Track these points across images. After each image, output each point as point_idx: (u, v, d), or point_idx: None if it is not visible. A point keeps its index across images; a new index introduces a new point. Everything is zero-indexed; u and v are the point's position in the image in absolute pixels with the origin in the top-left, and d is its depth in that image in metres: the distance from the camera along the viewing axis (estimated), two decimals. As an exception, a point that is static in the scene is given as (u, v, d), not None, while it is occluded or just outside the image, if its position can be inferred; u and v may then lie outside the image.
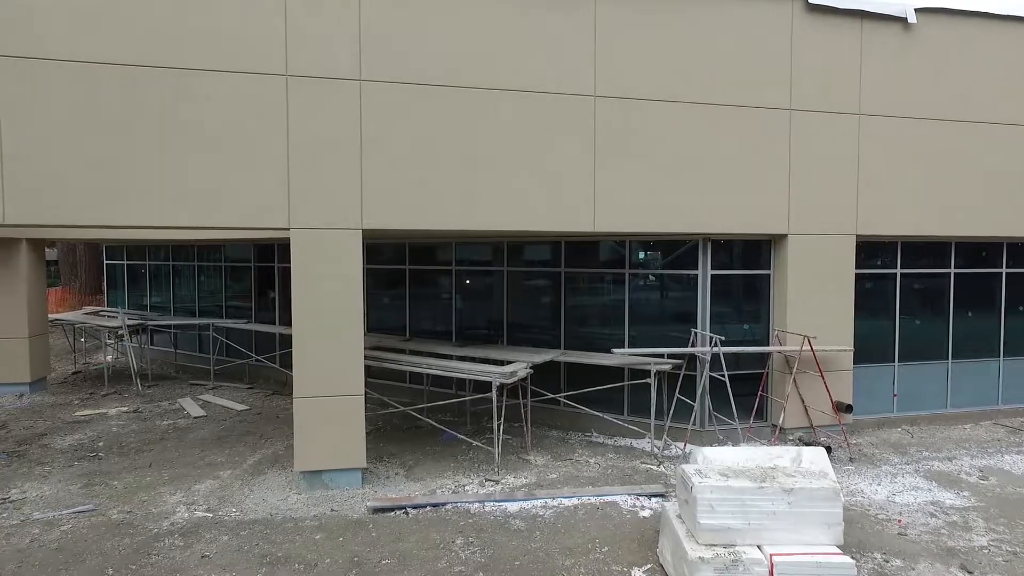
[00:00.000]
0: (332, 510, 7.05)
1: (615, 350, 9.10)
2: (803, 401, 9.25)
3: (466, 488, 7.71)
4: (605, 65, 8.18)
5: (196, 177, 7.03)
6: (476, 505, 7.12)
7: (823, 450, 6.01)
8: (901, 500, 7.42)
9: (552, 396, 9.70)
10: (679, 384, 8.97)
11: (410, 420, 10.82)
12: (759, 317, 9.75)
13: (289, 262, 7.38)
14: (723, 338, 8.51)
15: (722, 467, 5.58)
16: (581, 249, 10.39)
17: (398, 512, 6.98)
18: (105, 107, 6.77)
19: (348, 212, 7.41)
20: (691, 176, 8.58)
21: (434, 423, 9.50)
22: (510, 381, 8.19)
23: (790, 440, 9.07)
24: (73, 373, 15.36)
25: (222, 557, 5.91)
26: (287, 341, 13.17)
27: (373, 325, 12.04)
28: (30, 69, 6.56)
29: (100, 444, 9.64)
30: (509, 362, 8.95)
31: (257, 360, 13.87)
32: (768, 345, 9.46)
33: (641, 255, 10.06)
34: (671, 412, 9.05)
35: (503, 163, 7.88)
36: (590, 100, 8.17)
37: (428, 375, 10.59)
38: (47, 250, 15.59)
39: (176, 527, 6.60)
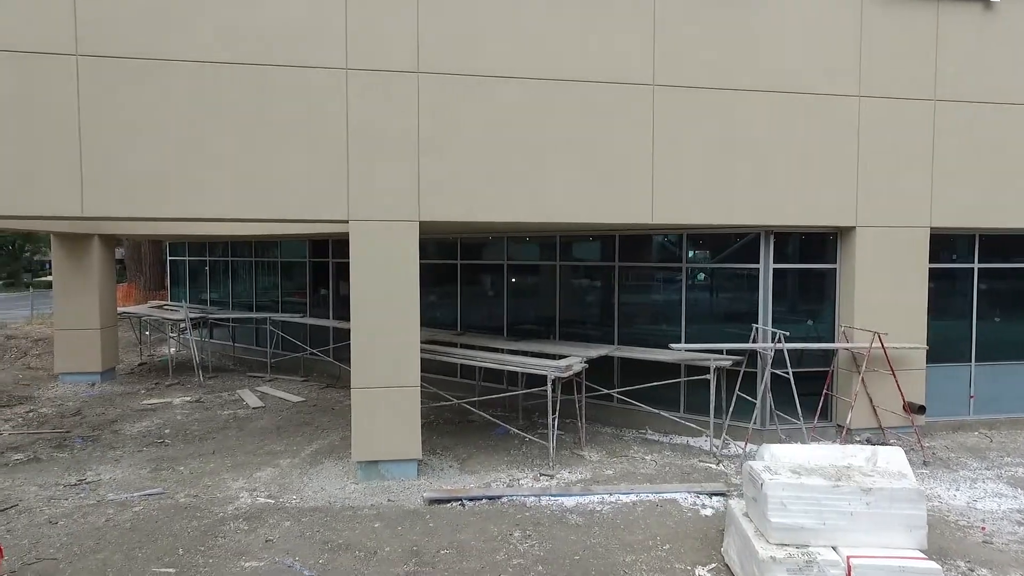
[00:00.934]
0: (389, 500, 7.10)
1: (673, 345, 8.89)
2: (871, 401, 8.83)
3: (520, 482, 7.65)
4: (665, 53, 7.99)
5: (260, 169, 7.18)
6: (532, 499, 7.05)
7: (900, 450, 5.69)
8: (983, 507, 6.99)
9: (607, 392, 9.57)
10: (739, 381, 8.69)
11: (462, 415, 10.84)
12: (823, 313, 9.37)
13: (343, 257, 7.49)
14: (787, 333, 8.19)
15: (792, 464, 5.35)
16: (636, 243, 10.20)
17: (454, 504, 6.97)
18: (174, 103, 6.99)
19: (405, 204, 7.45)
20: (753, 166, 8.30)
21: (488, 416, 9.50)
22: (565, 375, 8.09)
23: (857, 441, 8.67)
24: (139, 364, 16.04)
25: (285, 542, 6.01)
26: (341, 335, 13.46)
27: (425, 320, 12.05)
28: (104, 67, 6.82)
29: (166, 431, 10.00)
30: (562, 357, 8.85)
31: (312, 353, 14.16)
32: (833, 342, 9.07)
33: (698, 249, 9.79)
34: (730, 410, 8.78)
35: (560, 154, 7.79)
36: (648, 89, 8.00)
37: (480, 369, 10.62)
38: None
39: (240, 512, 6.76)
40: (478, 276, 12.33)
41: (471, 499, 7.05)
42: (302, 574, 5.38)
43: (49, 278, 41.39)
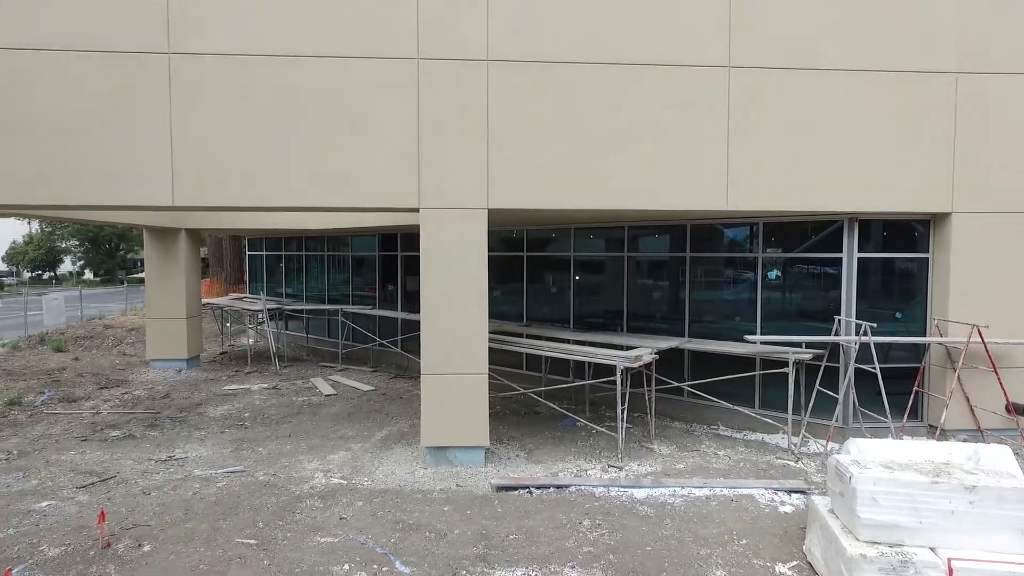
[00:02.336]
0: (457, 485, 7.15)
1: (748, 337, 8.55)
2: (968, 400, 8.21)
3: (588, 473, 7.55)
4: (740, 33, 7.68)
5: (334, 160, 7.39)
6: (601, 489, 6.94)
7: (1007, 449, 5.24)
8: (1101, 516, 6.34)
9: (677, 385, 9.31)
10: (819, 376, 8.26)
11: (528, 406, 10.82)
12: (912, 305, 8.78)
13: (411, 251, 7.59)
14: (874, 325, 7.72)
15: (883, 459, 5.02)
16: (708, 233, 9.89)
17: (522, 491, 6.95)
18: (257, 96, 7.29)
19: (475, 192, 7.49)
20: (838, 149, 7.86)
21: (555, 407, 9.43)
22: (635, 365, 7.92)
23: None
24: (221, 353, 16.89)
25: (358, 520, 6.15)
26: (409, 326, 13.73)
27: (491, 313, 12.11)
28: (193, 65, 7.19)
29: (246, 415, 10.47)
30: (631, 348, 8.67)
31: (381, 344, 14.51)
32: (925, 336, 8.48)
33: (775, 238, 9.37)
34: (810, 406, 8.36)
35: (630, 139, 7.62)
36: (723, 71, 7.72)
37: (546, 361, 10.57)
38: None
39: (315, 491, 6.97)
40: (544, 269, 12.28)
41: (539, 487, 7.01)
42: (375, 551, 5.49)
43: (140, 275, 44.39)
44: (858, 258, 8.45)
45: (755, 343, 8.55)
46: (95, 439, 9.04)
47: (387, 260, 15.26)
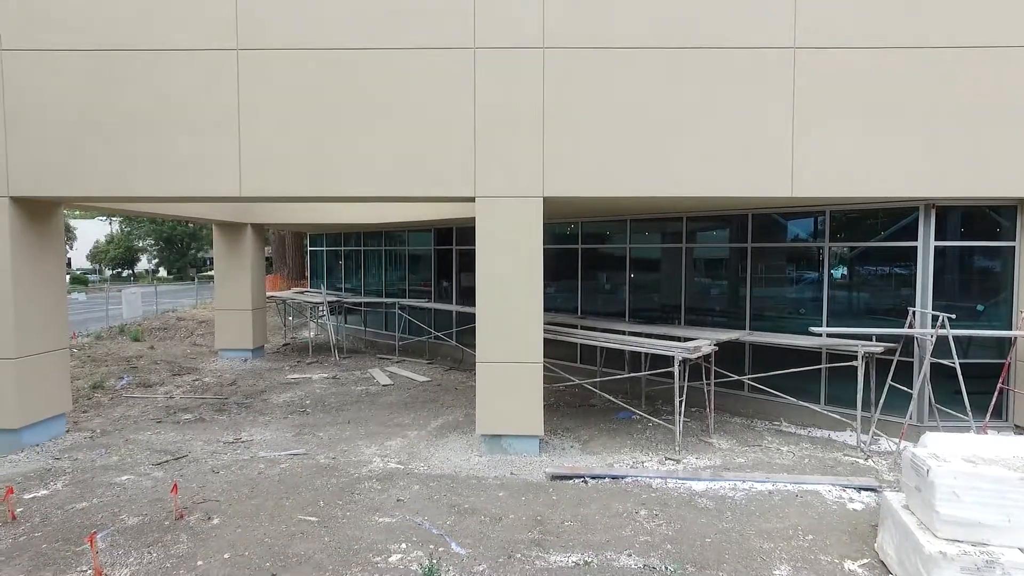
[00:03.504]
0: (512, 473, 7.15)
1: (813, 329, 8.21)
2: (1060, 399, 7.63)
3: (645, 465, 7.41)
4: (807, 11, 7.37)
5: (389, 150, 7.51)
6: (658, 481, 6.80)
7: (1107, 446, 4.83)
8: None
9: (737, 378, 9.04)
10: (891, 371, 7.85)
11: (583, 399, 10.74)
12: (996, 297, 8.21)
13: (465, 244, 7.62)
14: (953, 317, 7.26)
15: (965, 453, 4.71)
16: (770, 222, 9.55)
17: (577, 480, 6.89)
18: (315, 89, 7.49)
19: (530, 180, 7.47)
20: (914, 133, 7.41)
21: (611, 397, 9.32)
22: (693, 356, 7.72)
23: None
24: (283, 344, 17.50)
25: (415, 503, 6.24)
26: (463, 319, 13.86)
27: (545, 306, 12.10)
28: (259, 60, 7.45)
29: (307, 402, 10.79)
30: (690, 339, 8.46)
31: (436, 337, 14.70)
32: (1012, 329, 7.93)
33: (842, 226, 8.96)
34: (881, 403, 7.95)
35: (689, 125, 7.44)
36: (789, 52, 7.42)
37: (601, 353, 10.44)
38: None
39: (373, 474, 7.12)
40: (599, 262, 12.15)
41: (594, 477, 6.93)
42: (431, 532, 5.55)
43: (209, 272, 46.50)
44: (935, 247, 7.98)
45: (821, 335, 8.19)
46: (169, 421, 9.51)
47: (442, 254, 15.45)
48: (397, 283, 17.11)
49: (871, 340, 7.90)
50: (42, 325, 8.08)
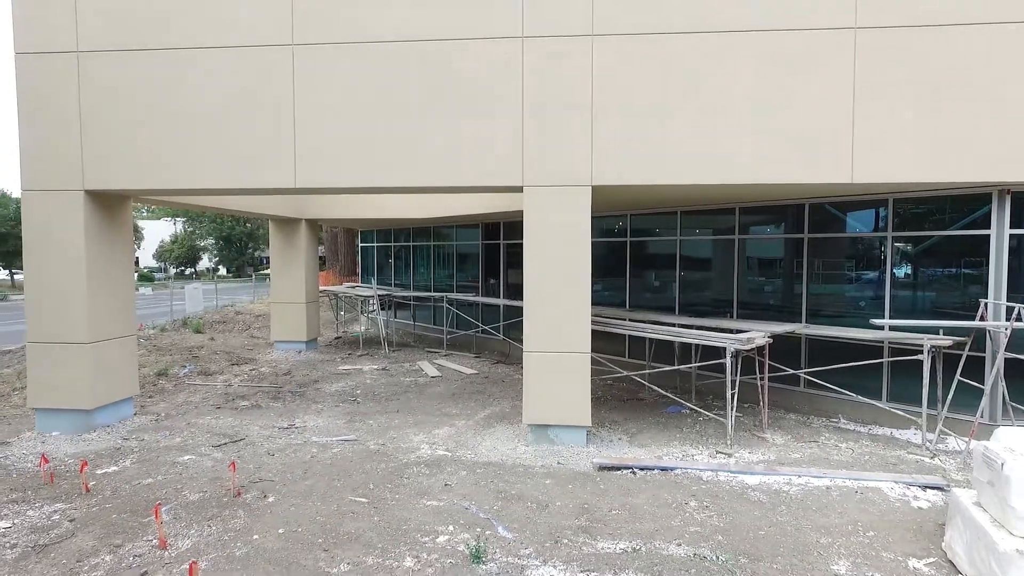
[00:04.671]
0: (558, 463, 7.12)
1: (875, 321, 7.86)
2: None
3: (695, 458, 7.26)
4: (869, -11, 7.06)
5: (437, 140, 7.58)
6: (708, 473, 6.65)
7: None
8: None
9: (792, 372, 8.74)
10: (960, 366, 7.44)
11: (631, 393, 10.61)
12: (1079, 290, 7.68)
13: (512, 239, 7.62)
14: (1030, 308, 6.83)
15: (1044, 448, 4.42)
16: (828, 212, 9.19)
17: (624, 471, 6.80)
18: (366, 82, 7.63)
19: (578, 169, 7.42)
20: (985, 113, 6.99)
21: (660, 390, 9.17)
22: (747, 347, 7.50)
23: None
24: (335, 338, 17.94)
25: (462, 488, 6.29)
26: (511, 313, 13.89)
27: (593, 299, 12.01)
28: (313, 51, 7.65)
29: (358, 392, 11.03)
30: (742, 332, 8.23)
31: (483, 331, 14.78)
32: (1095, 324, 7.39)
33: (905, 214, 8.55)
34: (948, 399, 7.54)
35: (742, 110, 7.23)
36: (850, 33, 7.12)
37: (650, 345, 10.30)
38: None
39: (421, 460, 7.21)
40: (648, 255, 11.98)
41: (642, 468, 6.83)
42: (478, 516, 5.57)
43: (266, 271, 48.20)
44: (1009, 235, 7.52)
45: (883, 328, 7.83)
46: (227, 407, 9.88)
47: (490, 249, 15.53)
48: (445, 279, 17.30)
49: (938, 333, 7.51)
50: (112, 312, 8.52)
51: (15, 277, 45.44)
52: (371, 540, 5.10)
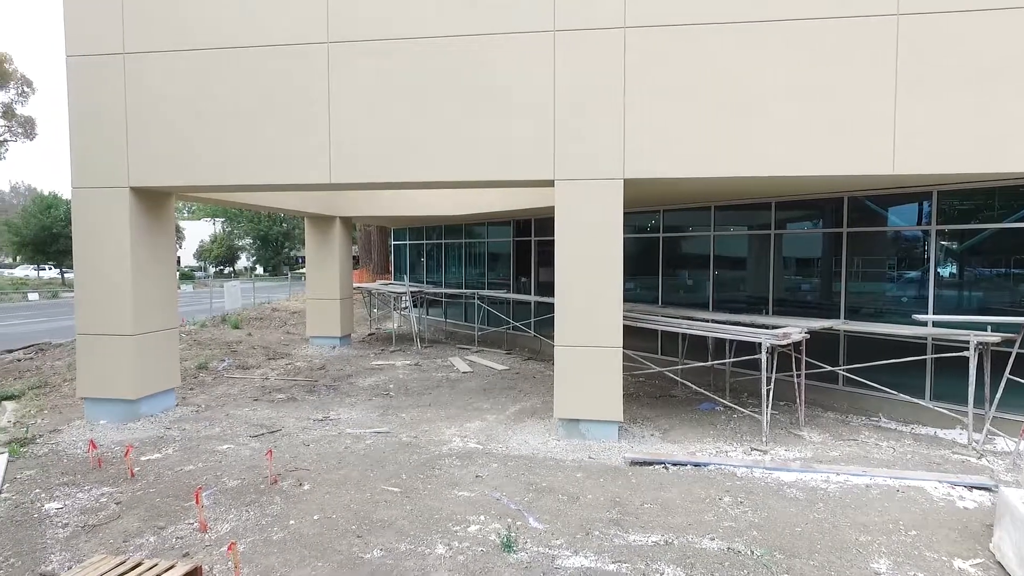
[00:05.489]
0: (589, 457, 7.09)
1: (918, 316, 7.63)
2: None
3: (729, 454, 7.15)
4: (912, -26, 6.85)
5: (470, 134, 7.63)
6: (743, 470, 6.54)
7: None
8: None
9: (831, 369, 8.54)
10: (1010, 364, 7.16)
11: (663, 390, 10.51)
12: None
13: (543, 235, 7.60)
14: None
15: (1100, 446, 4.22)
16: (868, 207, 8.95)
17: (657, 466, 6.74)
18: (398, 78, 7.72)
19: (610, 162, 7.38)
20: (1036, 98, 6.73)
21: (694, 386, 9.06)
22: (783, 342, 7.36)
23: None
24: (368, 334, 18.19)
25: (493, 479, 6.32)
26: (541, 309, 13.89)
27: (625, 296, 11.94)
28: (348, 48, 7.77)
29: (391, 386, 11.16)
30: (778, 327, 8.08)
31: (515, 328, 14.81)
32: None
33: (950, 206, 8.26)
34: (997, 398, 7.27)
35: (777, 101, 7.08)
36: (892, 20, 6.92)
37: (684, 341, 10.18)
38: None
39: (453, 452, 7.26)
40: (681, 250, 11.84)
41: (675, 464, 6.76)
42: (509, 507, 5.59)
43: (301, 270, 49.16)
44: (1063, 227, 7.21)
45: (926, 324, 7.60)
46: (264, 399, 10.11)
47: (521, 246, 15.55)
48: (476, 277, 17.38)
49: (985, 330, 7.25)
50: (156, 306, 8.80)
51: (65, 276, 47.30)
52: (403, 528, 5.16)
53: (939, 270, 8.25)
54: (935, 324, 7.60)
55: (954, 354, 7.46)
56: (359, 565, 4.56)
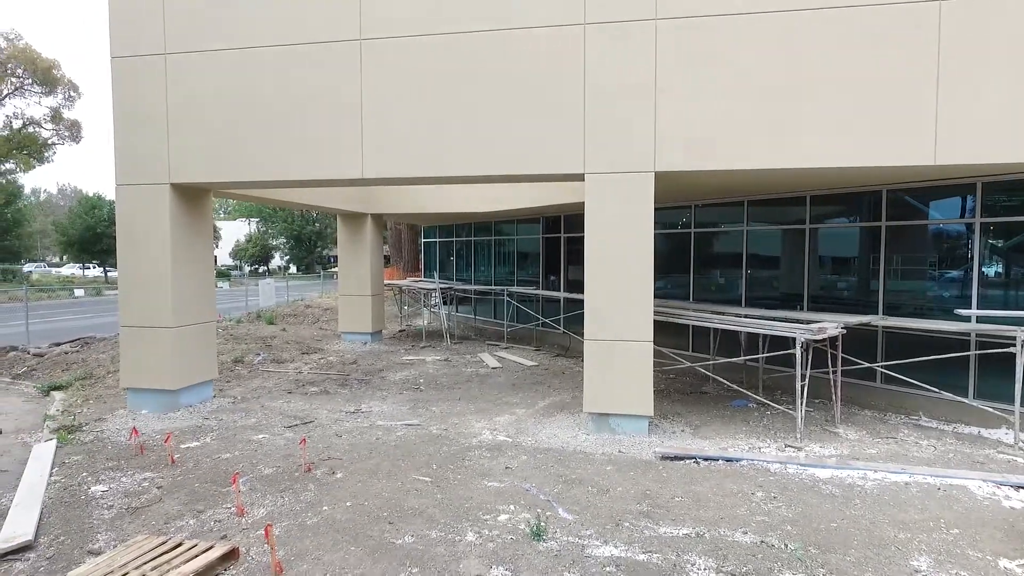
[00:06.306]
0: (619, 451, 7.06)
1: (960, 311, 7.40)
2: None
3: (762, 450, 7.04)
4: (955, -42, 6.63)
5: (499, 129, 7.65)
6: (776, 466, 6.44)
7: None
8: None
9: (868, 366, 8.34)
10: (1059, 361, 6.89)
11: (694, 386, 10.40)
12: None
13: (573, 232, 7.56)
14: None
15: None
16: (907, 201, 8.70)
17: (688, 461, 6.67)
18: (430, 73, 7.78)
19: (641, 155, 7.33)
20: (1088, 84, 6.46)
21: (726, 381, 8.94)
22: (818, 337, 7.21)
23: None
24: (399, 331, 18.39)
25: (522, 471, 6.34)
26: (571, 306, 13.86)
27: (656, 292, 11.85)
28: (380, 45, 7.88)
29: (421, 381, 11.27)
30: (813, 322, 7.91)
31: (544, 324, 14.80)
32: None
33: (996, 199, 7.98)
34: (1045, 396, 7.01)
35: (814, 91, 6.94)
36: (934, 5, 6.72)
37: (715, 338, 10.06)
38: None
39: (483, 444, 7.31)
40: (713, 245, 11.68)
41: (706, 459, 6.68)
42: (538, 498, 5.61)
43: (333, 269, 49.99)
44: (1118, 219, 6.91)
45: (969, 319, 7.36)
46: (298, 392, 10.31)
47: (550, 243, 15.53)
48: (505, 275, 17.42)
49: (1033, 325, 7.00)
50: (194, 299, 9.04)
51: (108, 274, 48.92)
52: (434, 515, 5.22)
53: (983, 264, 7.98)
54: (979, 319, 7.35)
55: (1000, 350, 7.21)
56: (391, 550, 4.62)
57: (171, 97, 8.44)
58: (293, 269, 66.60)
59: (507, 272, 17.38)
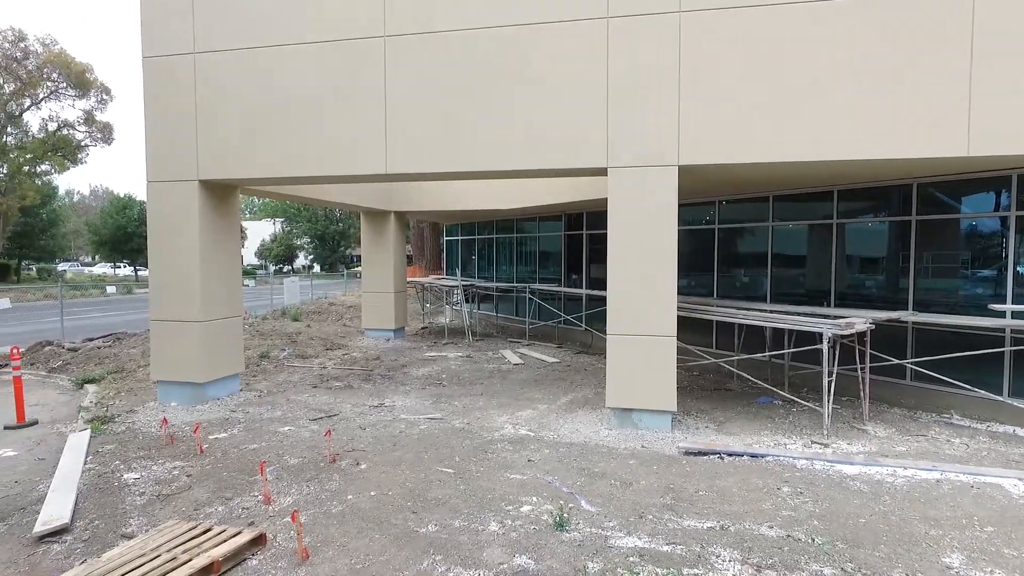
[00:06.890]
0: (642, 446, 7.03)
1: (995, 306, 7.22)
2: None
3: (787, 446, 6.95)
4: (989, -56, 6.47)
5: (524, 124, 7.66)
6: (803, 462, 6.35)
7: None
8: None
9: (897, 362, 8.17)
10: (1099, 357, 6.69)
11: (718, 383, 10.30)
12: None
13: (595, 229, 7.53)
14: None
15: None
16: (938, 197, 8.51)
17: (712, 456, 6.61)
18: (452, 69, 7.82)
19: (664, 149, 7.28)
20: None
21: (751, 378, 8.83)
22: (845, 333, 7.09)
23: None
24: (422, 328, 18.50)
25: (545, 464, 6.34)
26: (593, 303, 13.82)
27: (680, 289, 11.76)
28: (403, 41, 7.94)
29: (443, 376, 11.33)
30: (841, 318, 7.78)
31: (565, 321, 14.77)
32: None
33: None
34: (1084, 394, 6.81)
35: (841, 81, 6.82)
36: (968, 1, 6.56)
37: (740, 334, 9.95)
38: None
39: (505, 438, 7.33)
40: (738, 241, 11.55)
41: (730, 454, 6.62)
42: (561, 490, 5.61)
43: (357, 268, 50.52)
44: None
45: (1004, 315, 7.18)
46: (322, 387, 10.44)
47: (572, 240, 15.50)
48: (527, 273, 17.42)
49: (1071, 321, 6.80)
50: (222, 294, 9.21)
51: (139, 273, 50.04)
52: (457, 506, 5.25)
53: (1019, 258, 7.77)
54: (1014, 315, 7.16)
55: (1035, 346, 7.03)
56: (415, 538, 4.66)
57: (200, 95, 8.61)
58: (317, 268, 67.48)
59: (529, 270, 17.38)
